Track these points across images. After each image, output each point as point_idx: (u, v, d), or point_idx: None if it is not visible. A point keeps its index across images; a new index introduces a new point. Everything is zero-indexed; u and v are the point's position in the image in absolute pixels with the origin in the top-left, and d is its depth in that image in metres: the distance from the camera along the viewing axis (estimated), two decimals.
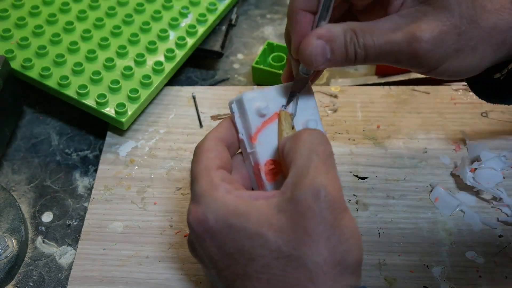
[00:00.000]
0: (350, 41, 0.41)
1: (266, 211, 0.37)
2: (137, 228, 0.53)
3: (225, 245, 0.38)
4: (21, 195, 0.57)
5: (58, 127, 0.63)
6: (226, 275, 0.39)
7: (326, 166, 0.38)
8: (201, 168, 0.41)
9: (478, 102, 0.61)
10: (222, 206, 0.38)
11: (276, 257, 0.36)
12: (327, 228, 0.36)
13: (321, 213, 0.36)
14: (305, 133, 0.40)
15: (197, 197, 0.40)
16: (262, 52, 0.66)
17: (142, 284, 0.49)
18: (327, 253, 0.35)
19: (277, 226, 0.36)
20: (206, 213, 0.38)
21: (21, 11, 0.65)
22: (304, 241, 0.36)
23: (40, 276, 0.51)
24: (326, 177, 0.37)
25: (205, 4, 0.67)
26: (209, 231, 0.38)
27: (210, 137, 0.43)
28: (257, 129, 0.43)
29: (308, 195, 0.36)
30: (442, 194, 0.53)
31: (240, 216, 0.38)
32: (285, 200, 0.37)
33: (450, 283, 0.48)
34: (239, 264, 0.38)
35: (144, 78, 0.60)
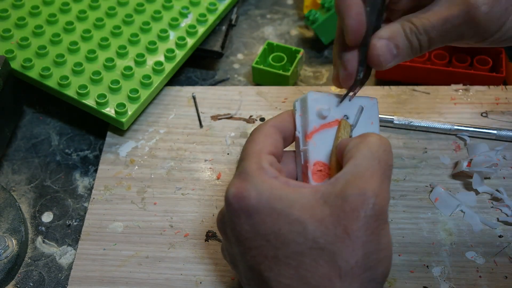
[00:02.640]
0: (410, 32, 0.42)
1: (311, 200, 0.38)
2: (137, 228, 0.53)
3: (261, 225, 0.38)
4: (21, 195, 0.57)
5: (58, 127, 0.63)
6: (253, 255, 0.39)
7: (383, 176, 0.38)
8: (255, 149, 0.41)
9: (478, 102, 0.61)
10: (268, 188, 0.38)
11: (310, 247, 0.36)
12: (367, 234, 0.36)
13: (365, 218, 0.36)
14: (373, 137, 0.40)
15: (243, 174, 0.40)
16: (262, 52, 0.66)
17: (142, 284, 0.49)
18: (360, 256, 0.36)
19: (319, 217, 0.37)
20: (250, 191, 0.38)
21: (21, 11, 0.65)
22: (342, 239, 0.36)
23: (40, 276, 0.51)
24: (380, 187, 0.37)
25: (205, 4, 0.67)
26: (248, 209, 0.38)
27: (270, 124, 0.44)
28: (314, 129, 0.44)
29: (358, 197, 0.36)
30: (442, 194, 0.53)
31: (284, 200, 0.38)
32: (333, 193, 0.37)
33: (450, 283, 0.48)
34: (271, 246, 0.38)
35: (144, 78, 0.60)
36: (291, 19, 0.75)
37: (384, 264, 0.37)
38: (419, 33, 0.42)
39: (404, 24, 0.43)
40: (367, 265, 0.36)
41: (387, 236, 0.37)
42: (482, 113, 0.60)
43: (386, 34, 0.43)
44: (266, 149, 0.42)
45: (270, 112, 0.61)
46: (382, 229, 0.37)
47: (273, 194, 0.38)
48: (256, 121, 0.61)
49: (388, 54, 0.43)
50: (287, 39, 0.72)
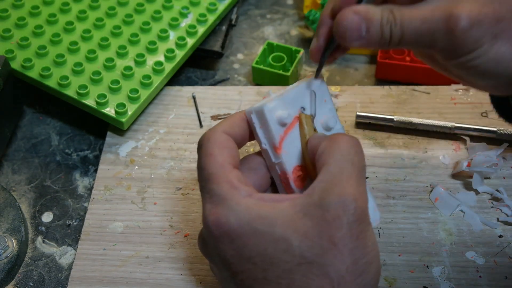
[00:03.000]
0: (386, 22, 0.40)
1: (291, 214, 0.37)
2: (137, 228, 0.53)
3: (245, 248, 0.37)
4: (21, 195, 0.57)
5: (58, 127, 0.63)
6: (242, 279, 0.38)
7: (358, 178, 0.37)
8: (217, 166, 0.40)
9: (478, 102, 0.61)
10: (245, 210, 0.38)
11: (298, 263, 0.36)
12: (352, 240, 0.36)
13: (349, 224, 0.36)
14: (343, 139, 0.39)
15: (216, 198, 0.39)
16: (262, 52, 0.66)
17: (142, 284, 0.49)
18: (350, 263, 0.36)
19: (302, 231, 0.36)
20: (228, 217, 0.38)
21: (21, 11, 0.65)
22: (329, 249, 0.36)
23: (40, 276, 0.51)
24: (358, 190, 0.37)
25: (205, 4, 0.67)
26: (230, 234, 0.38)
27: (221, 130, 0.42)
28: (281, 138, 0.43)
29: (338, 204, 0.36)
30: (442, 194, 0.53)
31: (265, 220, 0.37)
32: (312, 204, 0.37)
33: (450, 283, 0.48)
34: (259, 268, 0.37)
35: (144, 78, 0.60)
36: (291, 19, 0.75)
37: (374, 265, 0.37)
38: (394, 24, 0.40)
39: (384, 11, 0.40)
40: (358, 271, 0.36)
41: (372, 236, 0.37)
42: (482, 113, 0.60)
43: (363, 11, 0.40)
44: (228, 164, 0.40)
45: None
46: (367, 231, 0.37)
47: (252, 215, 0.37)
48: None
49: (356, 32, 0.40)
50: (287, 39, 0.72)
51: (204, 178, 0.40)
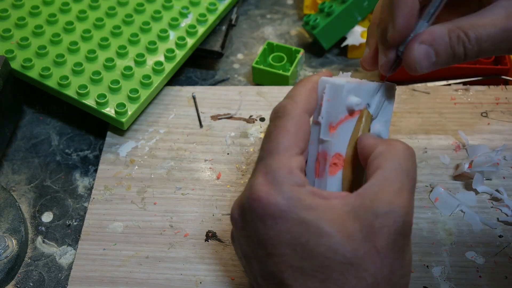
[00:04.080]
0: (457, 40, 0.39)
1: (341, 213, 0.37)
2: (137, 228, 0.53)
3: (288, 234, 0.37)
4: (21, 195, 0.57)
5: (58, 127, 0.63)
6: (277, 262, 0.37)
7: (411, 191, 0.37)
8: (287, 145, 0.39)
9: (478, 102, 0.61)
10: (297, 197, 0.37)
11: (339, 261, 0.36)
12: (394, 252, 0.36)
13: (394, 236, 0.36)
14: (402, 147, 0.39)
15: (271, 176, 0.38)
16: (262, 52, 0.66)
17: (142, 284, 0.49)
18: (387, 273, 0.36)
19: (349, 232, 0.36)
20: (278, 199, 0.37)
21: (21, 11, 0.65)
22: (371, 255, 0.36)
23: (40, 276, 0.51)
24: (409, 203, 0.37)
25: (205, 4, 0.67)
26: (275, 216, 0.37)
27: (302, 108, 0.40)
28: (340, 120, 0.42)
29: (388, 214, 0.36)
30: (442, 194, 0.53)
31: (314, 212, 0.37)
32: (363, 207, 0.36)
33: (450, 283, 0.48)
34: (297, 256, 0.37)
35: (144, 78, 0.60)
36: (291, 19, 0.75)
37: (407, 278, 0.37)
38: (468, 43, 0.39)
39: (451, 30, 0.39)
40: (392, 281, 0.36)
41: (410, 252, 0.38)
42: (482, 113, 0.60)
43: (428, 39, 0.39)
44: (298, 147, 0.39)
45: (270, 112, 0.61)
46: (407, 246, 0.37)
47: (302, 204, 0.37)
48: (256, 121, 0.61)
49: (425, 61, 0.40)
50: (287, 39, 0.72)
51: (268, 149, 0.39)
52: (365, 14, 0.67)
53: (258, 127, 0.60)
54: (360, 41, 0.66)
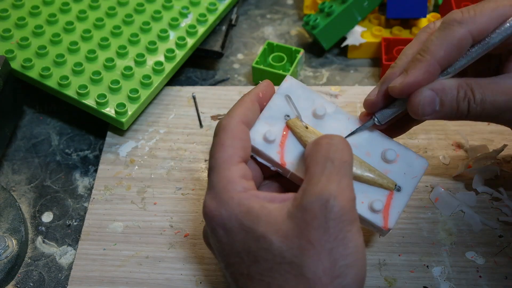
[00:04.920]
0: (464, 97, 0.41)
1: (276, 216, 0.37)
2: (137, 228, 0.53)
3: (235, 243, 0.38)
4: (21, 195, 0.57)
5: (58, 127, 0.63)
6: (232, 271, 0.39)
7: (339, 174, 0.37)
8: (224, 158, 0.40)
9: None
10: (237, 205, 0.38)
11: (278, 262, 0.36)
12: (330, 240, 0.35)
13: (326, 223, 0.35)
14: (324, 140, 0.39)
15: (214, 190, 0.40)
16: (262, 52, 0.66)
17: (142, 284, 0.49)
18: (328, 265, 0.35)
19: (283, 232, 0.36)
20: (221, 209, 0.39)
21: (21, 11, 0.65)
22: (307, 250, 0.35)
23: (40, 276, 0.51)
24: (338, 186, 0.36)
25: (205, 4, 0.67)
26: (223, 226, 0.39)
27: (237, 120, 0.42)
28: (280, 154, 0.43)
29: (316, 203, 0.36)
30: (442, 194, 0.53)
31: (251, 217, 0.38)
32: (295, 206, 0.37)
33: (450, 283, 0.48)
34: (244, 263, 0.38)
35: (144, 78, 0.60)
36: (291, 19, 0.75)
37: (355, 268, 0.36)
38: (473, 102, 0.41)
39: (461, 85, 0.41)
40: (335, 273, 0.35)
41: (356, 237, 0.36)
42: None
43: (437, 87, 0.41)
44: (236, 157, 0.40)
45: None
46: (348, 232, 0.36)
47: (242, 211, 0.38)
48: None
49: (429, 107, 0.41)
50: (287, 39, 0.72)
51: (210, 166, 0.41)
52: (365, 14, 0.67)
53: None
54: (360, 41, 0.66)
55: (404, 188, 0.43)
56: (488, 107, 0.41)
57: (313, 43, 0.71)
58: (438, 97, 0.41)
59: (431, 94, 0.41)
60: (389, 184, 0.43)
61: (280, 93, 0.45)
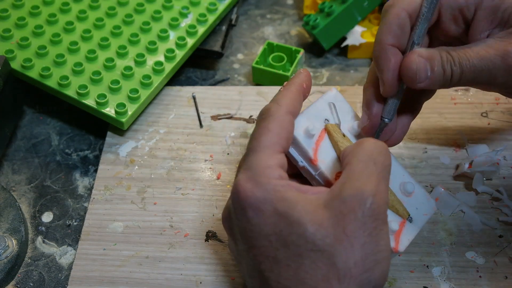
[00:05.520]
0: (446, 61, 0.43)
1: (312, 204, 0.38)
2: (137, 228, 0.53)
3: (264, 225, 0.38)
4: (21, 195, 0.57)
5: (58, 127, 0.63)
6: (255, 254, 0.39)
7: (379, 176, 0.38)
8: (267, 143, 0.40)
9: (478, 102, 0.61)
10: (272, 189, 0.38)
11: (310, 249, 0.37)
12: (365, 235, 0.36)
13: (363, 218, 0.36)
14: (368, 142, 0.40)
15: (251, 172, 0.40)
16: (262, 52, 0.66)
17: (142, 284, 0.49)
18: (359, 258, 0.36)
19: (319, 220, 0.37)
20: (256, 191, 0.39)
21: (21, 11, 0.65)
22: (340, 240, 0.36)
23: (40, 276, 0.51)
24: (377, 187, 0.37)
25: (205, 4, 0.67)
26: (253, 209, 0.39)
27: (285, 110, 0.42)
28: (314, 150, 0.44)
29: (355, 197, 0.36)
30: (442, 194, 0.53)
31: (287, 202, 0.38)
32: (332, 197, 0.37)
33: (450, 283, 0.48)
34: (272, 247, 0.38)
35: (144, 78, 0.60)
36: (291, 19, 0.75)
37: (382, 265, 0.37)
38: (453, 64, 0.43)
39: (441, 52, 0.43)
40: (365, 267, 0.36)
41: (385, 237, 0.38)
42: (482, 113, 0.60)
43: (425, 54, 0.43)
44: (280, 145, 0.41)
45: None
46: (381, 230, 0.37)
47: (276, 196, 0.38)
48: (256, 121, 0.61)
49: (424, 72, 0.43)
50: (287, 39, 0.72)
51: (251, 148, 0.41)
52: (365, 14, 0.67)
53: None
54: (360, 41, 0.66)
55: (415, 221, 0.45)
56: (465, 70, 0.43)
57: (313, 43, 0.71)
58: (428, 64, 0.43)
59: (423, 60, 0.43)
60: (404, 212, 0.44)
61: (325, 99, 0.46)
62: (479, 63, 0.42)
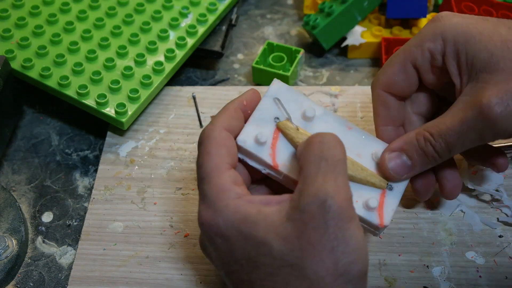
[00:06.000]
0: (424, 141, 0.42)
1: (274, 219, 0.37)
2: (137, 228, 0.53)
3: (233, 250, 0.38)
4: (21, 195, 0.57)
5: (58, 127, 0.63)
6: (232, 279, 0.39)
7: (334, 173, 0.37)
8: (212, 167, 0.40)
9: None
10: (233, 212, 0.38)
11: (279, 266, 0.36)
12: (331, 239, 0.35)
13: (325, 223, 0.35)
14: (315, 139, 0.39)
15: (207, 200, 0.39)
16: (262, 52, 0.66)
17: (142, 284, 0.49)
18: (330, 264, 0.35)
19: (283, 235, 0.36)
20: (217, 218, 0.38)
21: (21, 11, 0.65)
22: (308, 251, 0.35)
23: (40, 276, 0.51)
24: (334, 185, 0.36)
25: (205, 4, 0.67)
26: (220, 236, 0.38)
27: (219, 127, 0.42)
28: (272, 156, 0.43)
29: (313, 204, 0.35)
30: None
31: (249, 223, 0.37)
32: (292, 208, 0.37)
33: (450, 283, 0.48)
34: (245, 270, 0.38)
35: (144, 78, 0.60)
36: (291, 19, 0.75)
37: (358, 263, 0.36)
38: (434, 140, 0.42)
39: (418, 133, 0.42)
40: (338, 271, 0.35)
41: (356, 233, 0.36)
42: None
43: (398, 146, 0.43)
44: (224, 164, 0.40)
45: None
46: (348, 229, 0.36)
47: (238, 219, 0.38)
48: None
49: (401, 168, 0.43)
50: (287, 39, 0.72)
51: (200, 177, 0.41)
52: (365, 14, 0.67)
53: None
54: (360, 41, 0.66)
55: (395, 187, 0.44)
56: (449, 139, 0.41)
57: (313, 43, 0.71)
58: (404, 154, 0.43)
59: (395, 155, 0.43)
60: (381, 183, 0.43)
61: (268, 96, 0.45)
62: (460, 127, 0.40)
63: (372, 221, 0.42)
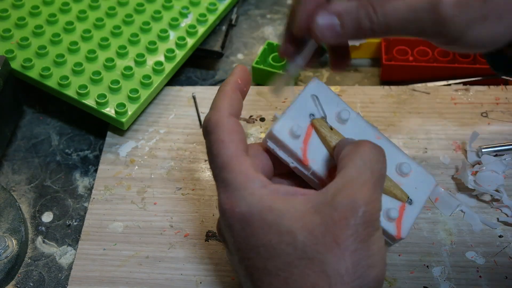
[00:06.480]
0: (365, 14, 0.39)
1: (302, 209, 0.37)
2: (137, 228, 0.53)
3: (253, 237, 0.38)
4: (21, 195, 0.57)
5: (58, 127, 0.63)
6: (246, 265, 0.39)
7: (374, 186, 0.37)
8: (230, 155, 0.39)
9: (478, 102, 0.61)
10: (258, 200, 0.38)
11: (299, 257, 0.36)
12: (356, 242, 0.36)
13: (355, 226, 0.36)
14: (367, 146, 0.39)
15: (231, 188, 0.39)
16: (262, 52, 0.66)
17: (142, 284, 0.49)
18: (350, 264, 0.35)
19: (309, 227, 0.36)
20: (241, 206, 0.38)
21: (21, 11, 0.65)
22: (331, 248, 0.35)
23: (40, 276, 0.51)
24: (371, 197, 0.36)
25: (205, 4, 0.67)
26: (241, 222, 0.38)
27: (226, 114, 0.41)
28: (303, 150, 0.43)
29: (348, 205, 0.36)
30: (442, 194, 0.53)
31: (275, 211, 0.37)
32: (323, 202, 0.37)
33: (450, 283, 0.48)
34: (262, 258, 0.38)
35: (144, 78, 0.60)
36: None
37: (376, 269, 0.36)
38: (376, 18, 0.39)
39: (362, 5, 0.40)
40: (357, 273, 0.36)
41: (378, 242, 0.37)
42: (482, 113, 0.60)
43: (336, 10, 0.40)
44: (240, 151, 0.40)
45: (270, 112, 0.61)
46: (372, 236, 0.36)
47: (263, 206, 0.38)
48: (256, 121, 0.61)
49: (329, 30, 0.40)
50: None
51: (218, 166, 0.40)
52: None
53: (258, 127, 0.61)
54: (360, 41, 0.66)
55: (415, 202, 0.44)
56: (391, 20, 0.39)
57: None
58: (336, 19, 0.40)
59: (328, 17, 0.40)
60: (402, 196, 0.44)
61: (306, 92, 0.45)
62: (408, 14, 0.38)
63: (390, 231, 0.42)
